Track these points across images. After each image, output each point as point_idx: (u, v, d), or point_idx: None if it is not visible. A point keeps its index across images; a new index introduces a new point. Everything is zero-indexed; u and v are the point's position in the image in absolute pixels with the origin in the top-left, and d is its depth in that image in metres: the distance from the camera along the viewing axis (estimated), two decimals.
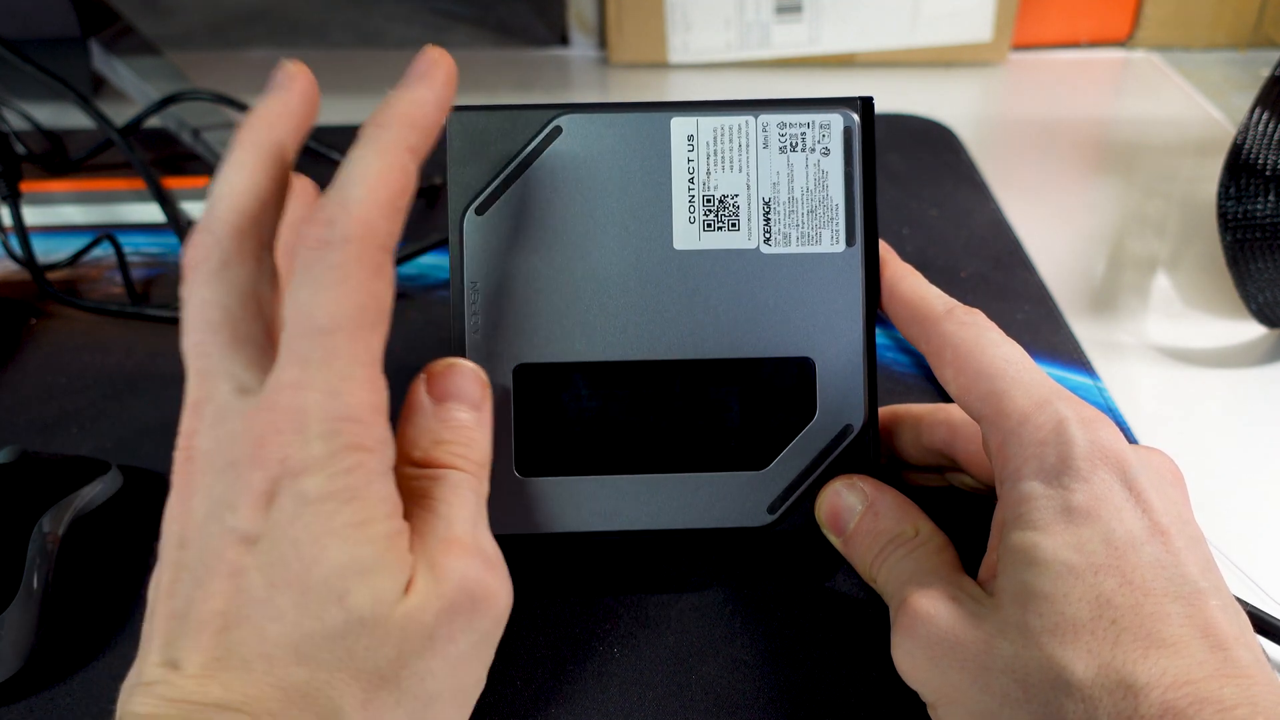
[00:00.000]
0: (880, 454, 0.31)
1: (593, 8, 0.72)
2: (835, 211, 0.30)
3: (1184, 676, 0.21)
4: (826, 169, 0.30)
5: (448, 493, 0.25)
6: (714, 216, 0.30)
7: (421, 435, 0.26)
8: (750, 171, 0.30)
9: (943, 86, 0.68)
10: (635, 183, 0.30)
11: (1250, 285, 0.43)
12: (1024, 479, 0.25)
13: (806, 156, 0.30)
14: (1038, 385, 0.26)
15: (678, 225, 0.30)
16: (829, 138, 0.30)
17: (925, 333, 0.29)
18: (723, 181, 0.30)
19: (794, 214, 0.30)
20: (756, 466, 0.30)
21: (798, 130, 0.30)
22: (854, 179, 0.30)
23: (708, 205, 0.30)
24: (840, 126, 0.30)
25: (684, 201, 0.30)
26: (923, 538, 0.27)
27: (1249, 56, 0.72)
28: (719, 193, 0.30)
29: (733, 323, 0.30)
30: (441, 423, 0.26)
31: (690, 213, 0.30)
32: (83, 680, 0.29)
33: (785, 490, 0.30)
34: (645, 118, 0.30)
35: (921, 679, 0.25)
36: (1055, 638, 0.22)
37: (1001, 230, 0.50)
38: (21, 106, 0.55)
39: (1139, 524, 0.23)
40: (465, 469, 0.26)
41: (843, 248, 0.30)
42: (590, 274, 0.30)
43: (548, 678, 0.29)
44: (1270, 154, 0.43)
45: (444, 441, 0.26)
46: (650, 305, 0.30)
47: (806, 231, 0.30)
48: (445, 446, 0.26)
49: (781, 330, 0.30)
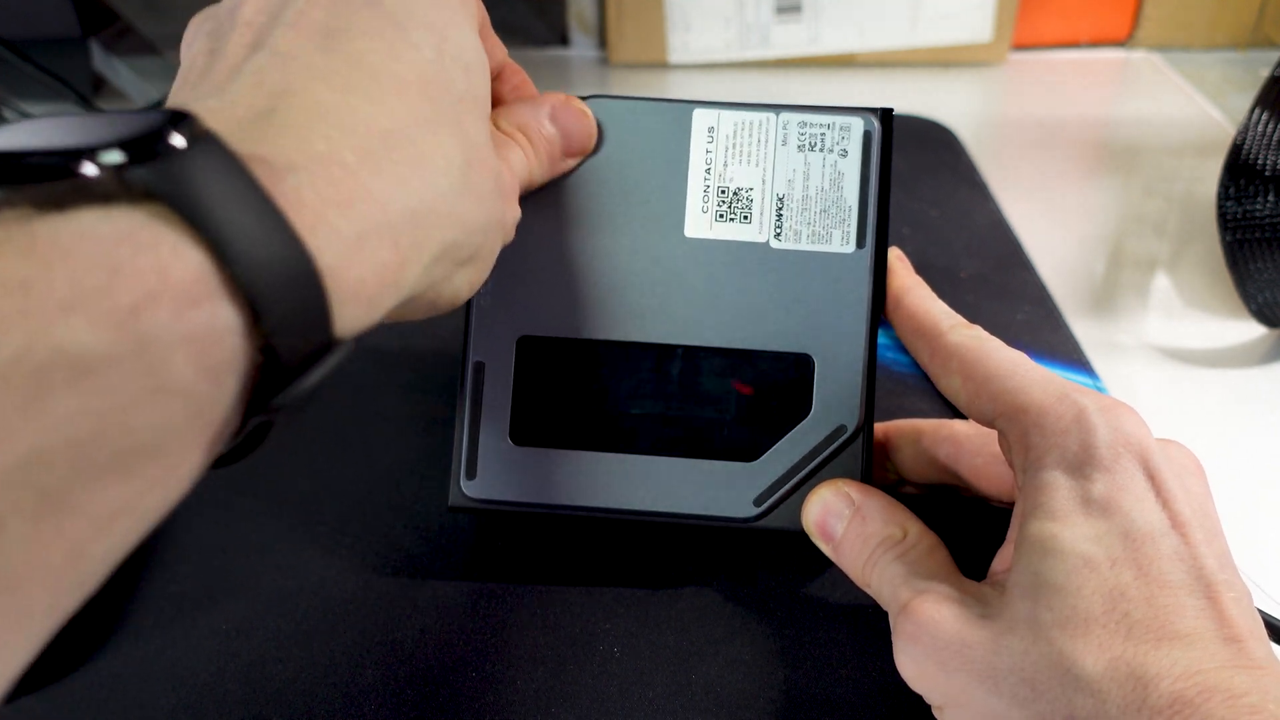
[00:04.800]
0: (873, 462, 0.30)
1: (593, 8, 0.72)
2: (848, 213, 0.30)
3: (1195, 667, 0.21)
4: (843, 170, 0.30)
5: (506, 151, 0.26)
6: (727, 207, 0.30)
7: (515, 118, 0.27)
8: (767, 167, 0.30)
9: (943, 86, 0.68)
10: (653, 169, 0.30)
11: (1250, 285, 0.43)
12: (1045, 468, 0.25)
13: (824, 156, 0.30)
14: (1052, 381, 0.26)
15: (690, 213, 0.30)
16: (848, 140, 0.30)
17: (929, 345, 0.29)
18: (739, 174, 0.30)
19: (807, 212, 0.30)
20: (747, 458, 0.30)
21: (818, 130, 0.30)
22: (870, 182, 0.30)
23: (722, 196, 0.30)
24: (860, 130, 0.30)
25: (699, 191, 0.30)
26: (912, 539, 0.27)
27: (1249, 56, 0.72)
28: (734, 185, 0.30)
29: (736, 313, 0.30)
30: (538, 124, 0.28)
31: (704, 202, 0.30)
32: (83, 679, 0.29)
33: (773, 485, 0.30)
34: (669, 106, 0.30)
35: (928, 684, 0.25)
36: (1065, 632, 0.22)
37: (1001, 230, 0.50)
38: (21, 106, 0.55)
39: (1159, 515, 0.23)
40: (522, 157, 0.27)
41: (852, 249, 0.30)
42: (601, 254, 0.30)
43: (548, 678, 0.29)
44: (1270, 154, 0.43)
45: (528, 136, 0.27)
46: (656, 289, 0.30)
47: (818, 230, 0.30)
48: (524, 139, 0.27)
49: (784, 325, 0.30)
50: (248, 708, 0.28)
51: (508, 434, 0.30)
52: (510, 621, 0.31)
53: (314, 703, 0.28)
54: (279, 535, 0.33)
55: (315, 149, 0.19)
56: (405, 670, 0.29)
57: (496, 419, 0.30)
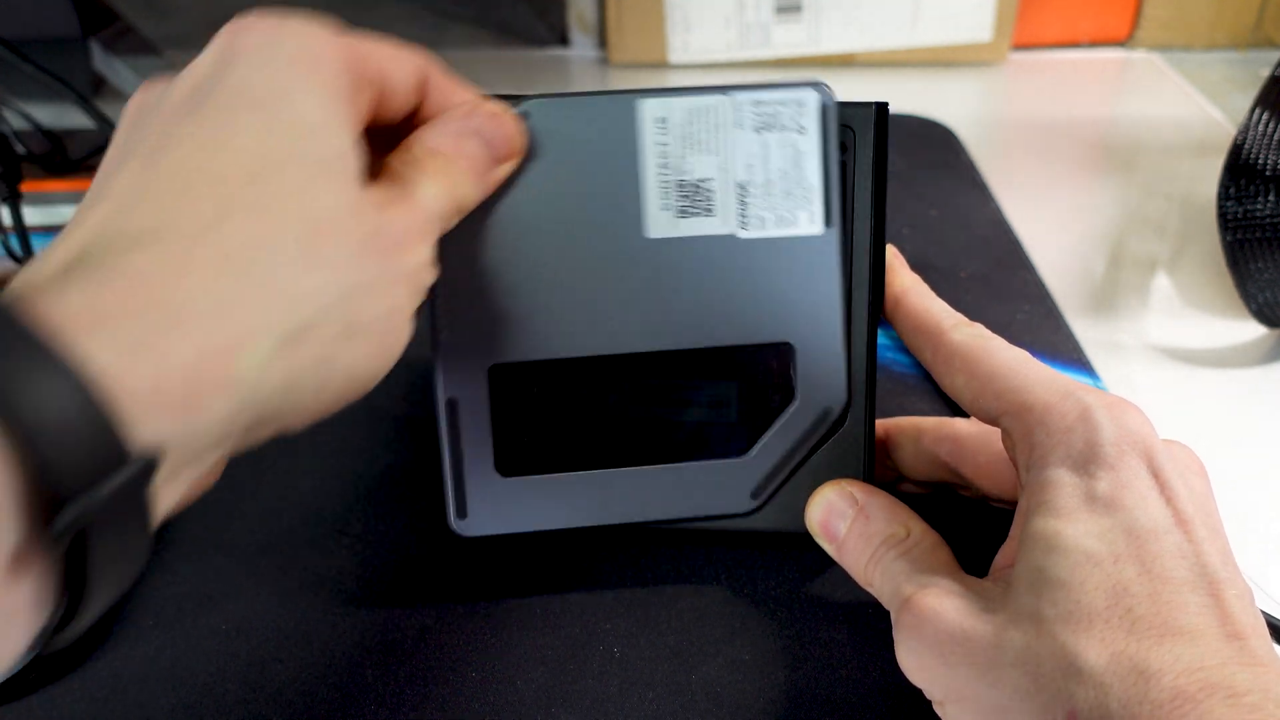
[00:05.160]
0: (874, 460, 0.30)
1: (593, 8, 0.72)
2: (812, 192, 0.29)
3: (1197, 663, 0.21)
4: (803, 149, 0.29)
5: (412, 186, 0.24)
6: (688, 202, 0.29)
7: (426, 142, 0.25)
8: (725, 154, 0.29)
9: (943, 86, 0.68)
10: (605, 170, 0.29)
11: (1250, 285, 0.43)
12: (1050, 465, 0.25)
13: (782, 136, 0.29)
14: (1055, 379, 0.26)
15: (650, 212, 0.29)
16: (805, 115, 0.29)
17: (931, 344, 0.29)
18: (696, 165, 0.29)
19: (770, 196, 0.29)
20: (738, 454, 0.30)
21: (772, 109, 0.28)
22: (831, 158, 0.29)
23: (681, 190, 0.29)
24: (816, 103, 0.29)
25: (657, 187, 0.29)
26: (915, 538, 0.27)
27: (1249, 56, 0.72)
28: (693, 177, 0.29)
29: (709, 311, 0.29)
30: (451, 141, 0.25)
31: (663, 199, 0.29)
32: (83, 679, 0.29)
33: (767, 476, 0.30)
34: (613, 100, 0.28)
35: (929, 678, 0.25)
36: (1068, 626, 0.22)
37: (1001, 230, 0.50)
38: (21, 106, 0.55)
39: (1162, 512, 0.23)
40: (445, 186, 0.25)
41: (820, 229, 0.29)
42: (562, 268, 0.29)
43: (548, 678, 0.29)
44: (1270, 154, 0.43)
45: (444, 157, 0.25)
46: (624, 297, 0.29)
47: (783, 214, 0.29)
48: (440, 162, 0.25)
49: (760, 316, 0.29)
50: (248, 708, 0.28)
51: (493, 467, 0.30)
52: (510, 621, 0.31)
53: (314, 703, 0.28)
54: (279, 535, 0.33)
55: (112, 266, 0.18)
56: (405, 670, 0.29)
57: (479, 454, 0.30)
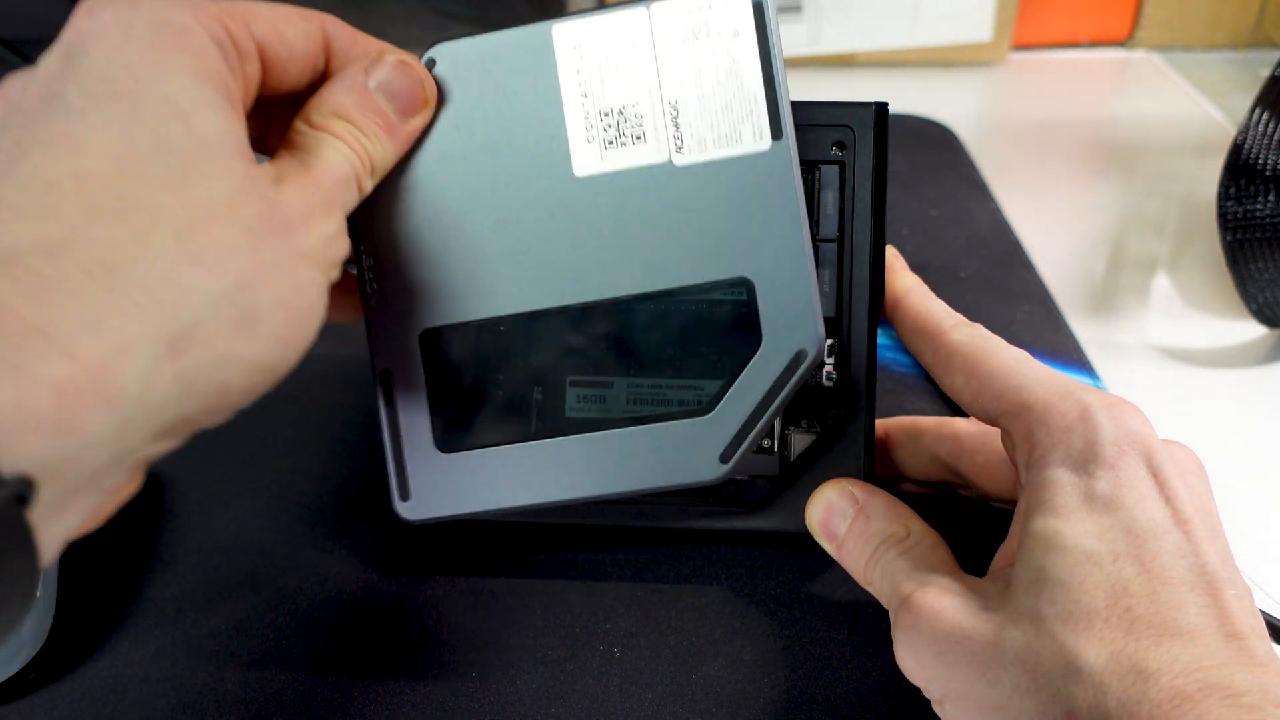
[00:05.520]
0: (874, 460, 0.30)
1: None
2: (754, 102, 0.26)
3: (1195, 663, 0.21)
4: (736, 55, 0.26)
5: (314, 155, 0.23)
6: (614, 131, 0.26)
7: (328, 104, 0.24)
8: (649, 73, 0.26)
9: (943, 86, 0.68)
10: (524, 110, 0.26)
11: (1250, 285, 0.43)
12: (1050, 465, 0.25)
13: (713, 44, 0.26)
14: (1055, 378, 0.26)
15: (575, 148, 0.26)
16: (735, 15, 0.25)
17: (931, 344, 0.29)
18: (619, 89, 0.26)
19: (706, 113, 0.26)
20: (701, 411, 0.27)
21: (698, 14, 0.26)
22: (773, 61, 0.25)
23: (606, 119, 0.26)
24: (747, 1, 0.26)
25: (579, 120, 0.26)
26: (915, 537, 0.27)
27: (1249, 56, 0.72)
28: (617, 103, 0.26)
29: (654, 250, 0.26)
30: (356, 99, 0.24)
31: (588, 131, 0.26)
32: (83, 679, 0.29)
33: (736, 436, 0.27)
34: (524, 32, 0.26)
35: (928, 676, 0.25)
36: (1068, 625, 0.22)
37: (1001, 230, 0.50)
38: None
39: (1162, 512, 0.23)
40: (353, 149, 0.24)
41: (768, 144, 0.26)
42: (488, 219, 0.27)
43: (548, 678, 0.29)
44: (1270, 154, 0.43)
45: (348, 119, 0.24)
46: (558, 244, 0.26)
47: (724, 132, 0.26)
48: (344, 124, 0.24)
49: (710, 250, 0.26)
50: (248, 708, 0.28)
51: (433, 444, 0.28)
52: (510, 621, 0.31)
53: (314, 703, 0.28)
54: (279, 535, 0.33)
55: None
56: (405, 670, 0.29)
57: (418, 429, 0.27)
